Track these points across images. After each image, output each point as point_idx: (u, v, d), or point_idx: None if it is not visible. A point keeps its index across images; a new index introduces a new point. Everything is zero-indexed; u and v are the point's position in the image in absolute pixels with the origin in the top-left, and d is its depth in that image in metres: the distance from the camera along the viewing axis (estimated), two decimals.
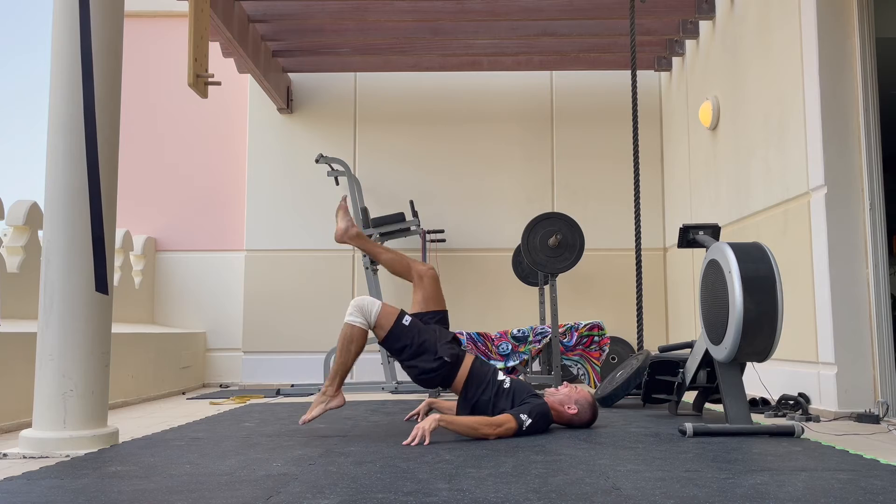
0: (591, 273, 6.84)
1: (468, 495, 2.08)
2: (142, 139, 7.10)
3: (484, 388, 3.34)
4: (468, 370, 3.36)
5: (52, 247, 3.10)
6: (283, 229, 6.95)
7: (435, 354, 3.29)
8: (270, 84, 6.47)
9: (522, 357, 5.60)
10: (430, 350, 3.30)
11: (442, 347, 3.32)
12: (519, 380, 3.47)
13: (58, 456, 2.92)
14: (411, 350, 3.30)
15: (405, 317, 3.34)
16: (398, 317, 3.31)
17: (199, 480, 2.34)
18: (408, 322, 3.33)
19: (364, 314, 3.28)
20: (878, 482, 2.24)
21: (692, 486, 2.18)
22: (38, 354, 3.08)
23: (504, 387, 3.37)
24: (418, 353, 3.30)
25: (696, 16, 5.89)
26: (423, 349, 3.30)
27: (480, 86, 7.13)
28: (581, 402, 3.48)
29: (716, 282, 3.36)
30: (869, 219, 4.01)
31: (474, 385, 3.35)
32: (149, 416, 4.47)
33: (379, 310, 3.30)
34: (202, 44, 4.27)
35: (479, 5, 5.86)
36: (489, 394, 3.34)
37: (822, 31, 4.12)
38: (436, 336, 3.36)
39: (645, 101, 6.88)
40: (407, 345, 3.30)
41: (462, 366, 3.36)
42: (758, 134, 4.87)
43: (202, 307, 7.02)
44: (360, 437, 3.29)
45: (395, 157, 7.05)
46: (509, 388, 3.37)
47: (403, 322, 3.32)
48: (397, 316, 3.31)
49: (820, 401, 4.09)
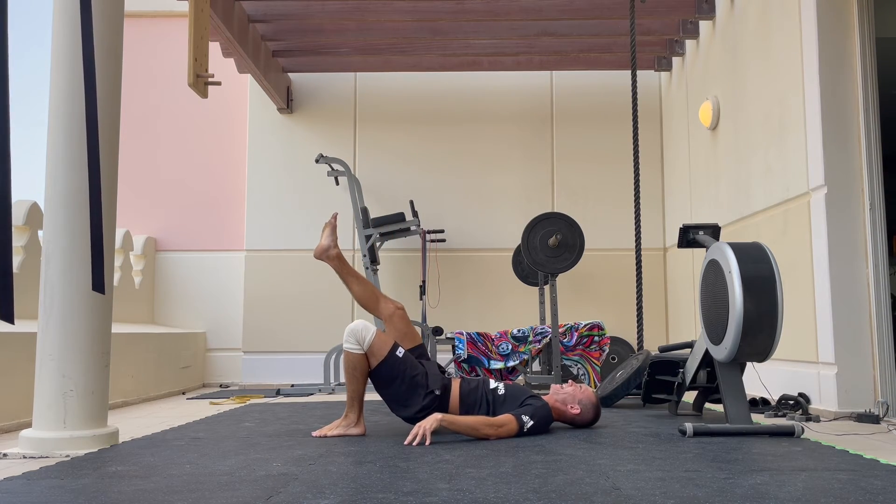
0: (591, 273, 6.84)
1: (468, 495, 2.08)
2: (142, 139, 7.10)
3: (479, 406, 3.36)
4: (458, 397, 3.37)
5: (52, 247, 3.10)
6: (283, 229, 6.95)
7: (426, 389, 3.30)
8: (270, 84, 6.47)
9: (522, 357, 5.60)
10: (421, 385, 3.30)
11: (432, 379, 3.33)
12: (513, 384, 3.49)
13: (58, 456, 2.92)
14: (401, 383, 3.28)
15: (399, 348, 3.33)
16: (393, 347, 3.31)
17: (199, 480, 2.34)
18: (401, 353, 3.32)
19: (358, 339, 3.25)
20: (878, 482, 2.24)
21: (692, 486, 2.18)
22: (38, 354, 3.08)
23: (499, 394, 3.39)
24: (409, 387, 3.29)
25: (696, 16, 5.89)
26: (414, 382, 3.29)
27: (480, 86, 7.13)
28: (584, 402, 3.48)
29: (716, 282, 3.36)
30: (869, 219, 4.01)
31: (466, 406, 3.37)
32: (149, 416, 4.47)
33: (373, 337, 3.26)
34: (202, 44, 4.27)
35: (478, 5, 5.86)
36: (486, 409, 3.36)
37: (822, 31, 4.12)
38: (424, 369, 3.37)
39: (645, 102, 6.88)
40: (399, 376, 3.28)
41: (451, 395, 3.37)
42: (758, 134, 4.87)
43: (202, 307, 7.02)
44: (360, 437, 3.29)
45: (395, 157, 7.05)
46: (503, 394, 3.39)
47: (397, 353, 3.31)
48: (392, 345, 3.31)
49: (820, 401, 4.09)
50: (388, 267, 6.85)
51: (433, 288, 6.84)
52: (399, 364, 3.29)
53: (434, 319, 6.65)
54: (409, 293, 6.77)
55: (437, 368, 3.46)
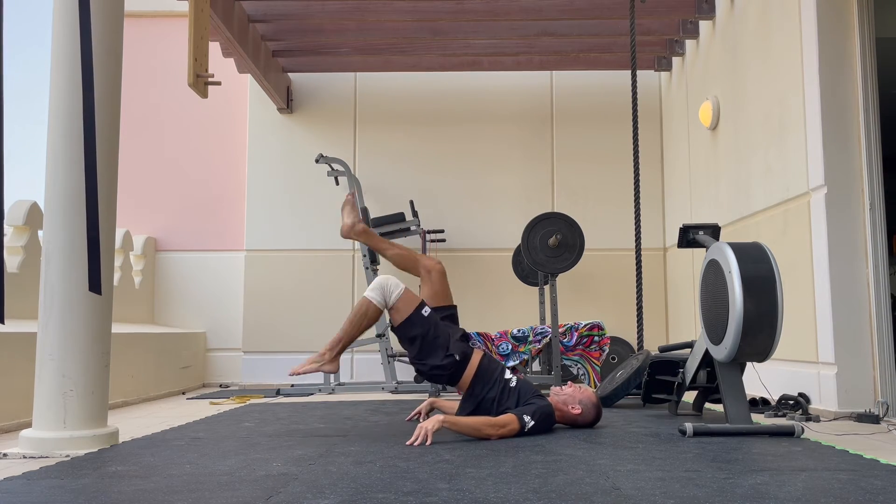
0: (591, 273, 6.84)
1: (468, 495, 2.08)
2: (142, 139, 7.09)
3: (491, 386, 3.35)
4: (476, 367, 3.36)
5: (52, 247, 3.10)
6: (283, 229, 6.95)
7: (446, 351, 3.30)
8: (270, 84, 6.47)
9: (522, 357, 5.60)
10: (442, 346, 3.31)
11: (454, 344, 3.33)
12: (525, 380, 3.48)
13: (58, 456, 2.92)
14: (422, 342, 3.30)
15: (425, 307, 3.35)
16: (419, 305, 3.33)
17: (199, 480, 2.34)
18: (427, 313, 3.34)
19: (384, 294, 3.29)
20: (878, 482, 2.24)
21: (692, 486, 2.18)
22: (38, 354, 3.08)
23: (510, 385, 3.38)
24: (430, 347, 3.30)
25: (696, 16, 5.89)
26: (435, 344, 3.30)
27: (480, 86, 7.12)
28: (585, 402, 3.48)
29: (716, 282, 3.36)
30: (869, 219, 4.00)
31: (481, 383, 3.35)
32: (149, 416, 4.47)
33: (401, 293, 3.30)
34: (202, 44, 4.27)
35: (478, 5, 5.86)
36: (495, 391, 3.34)
37: (822, 31, 4.12)
38: (448, 332, 3.37)
39: (645, 102, 6.87)
40: (420, 335, 3.29)
41: (470, 363, 3.36)
42: (758, 134, 4.87)
43: (202, 307, 7.02)
44: (360, 437, 3.29)
45: (395, 157, 7.05)
46: (515, 387, 3.38)
47: (423, 312, 3.33)
48: (419, 304, 3.33)
49: (820, 401, 4.09)
50: (389, 267, 6.84)
51: None
52: (423, 321, 3.31)
53: None
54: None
55: (462, 335, 3.46)
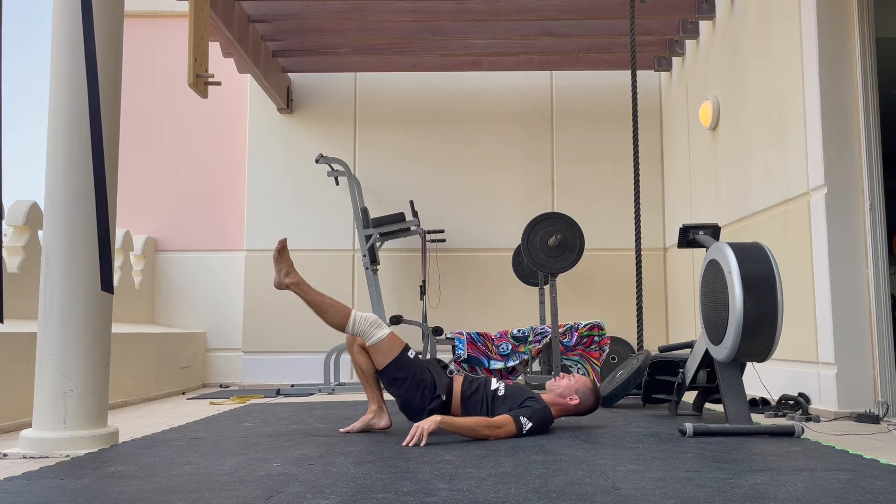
0: (591, 273, 6.84)
1: (468, 495, 2.08)
2: (142, 139, 7.09)
3: (480, 405, 3.40)
4: (459, 396, 3.43)
5: (52, 247, 3.10)
6: (283, 229, 6.94)
7: (433, 392, 3.37)
8: (270, 84, 6.47)
9: (522, 357, 5.60)
10: (429, 388, 3.38)
11: (439, 384, 3.39)
12: (513, 385, 3.50)
13: (58, 456, 2.92)
14: (409, 383, 3.37)
15: (410, 350, 3.45)
16: (405, 348, 3.43)
17: (199, 480, 2.34)
18: (412, 355, 3.44)
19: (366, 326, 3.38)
20: (878, 482, 2.24)
21: (692, 486, 2.18)
22: (38, 354, 3.08)
23: (499, 394, 3.42)
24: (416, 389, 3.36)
25: (696, 16, 5.89)
26: (422, 385, 3.37)
27: (480, 86, 7.12)
28: (582, 391, 3.47)
29: (716, 282, 3.36)
30: (869, 219, 4.00)
31: (469, 404, 3.42)
32: (149, 416, 4.47)
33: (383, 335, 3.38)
34: (202, 44, 4.27)
35: (479, 5, 5.86)
36: (485, 406, 3.39)
37: (822, 31, 4.12)
38: (431, 373, 3.43)
39: (645, 102, 6.87)
40: (406, 377, 3.37)
41: (454, 394, 3.43)
42: (758, 134, 4.87)
43: (202, 307, 7.02)
44: (360, 437, 3.29)
45: (395, 157, 7.04)
46: (504, 394, 3.42)
47: (408, 354, 3.42)
48: (403, 347, 3.43)
49: (820, 401, 4.09)
50: (389, 267, 6.85)
51: (433, 288, 6.84)
52: (409, 365, 3.39)
53: (434, 319, 6.65)
54: (410, 293, 6.77)
55: (441, 367, 3.54)
